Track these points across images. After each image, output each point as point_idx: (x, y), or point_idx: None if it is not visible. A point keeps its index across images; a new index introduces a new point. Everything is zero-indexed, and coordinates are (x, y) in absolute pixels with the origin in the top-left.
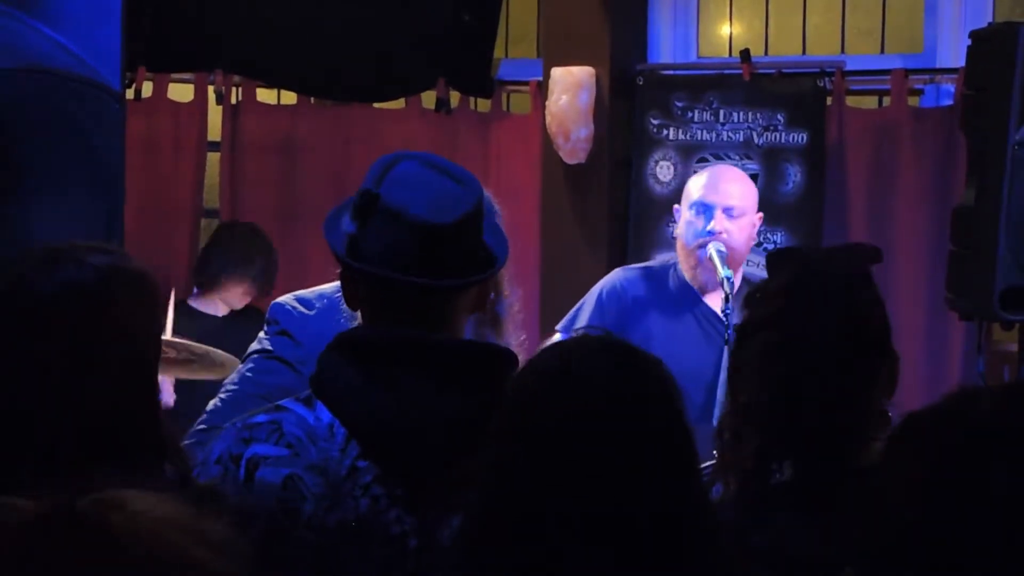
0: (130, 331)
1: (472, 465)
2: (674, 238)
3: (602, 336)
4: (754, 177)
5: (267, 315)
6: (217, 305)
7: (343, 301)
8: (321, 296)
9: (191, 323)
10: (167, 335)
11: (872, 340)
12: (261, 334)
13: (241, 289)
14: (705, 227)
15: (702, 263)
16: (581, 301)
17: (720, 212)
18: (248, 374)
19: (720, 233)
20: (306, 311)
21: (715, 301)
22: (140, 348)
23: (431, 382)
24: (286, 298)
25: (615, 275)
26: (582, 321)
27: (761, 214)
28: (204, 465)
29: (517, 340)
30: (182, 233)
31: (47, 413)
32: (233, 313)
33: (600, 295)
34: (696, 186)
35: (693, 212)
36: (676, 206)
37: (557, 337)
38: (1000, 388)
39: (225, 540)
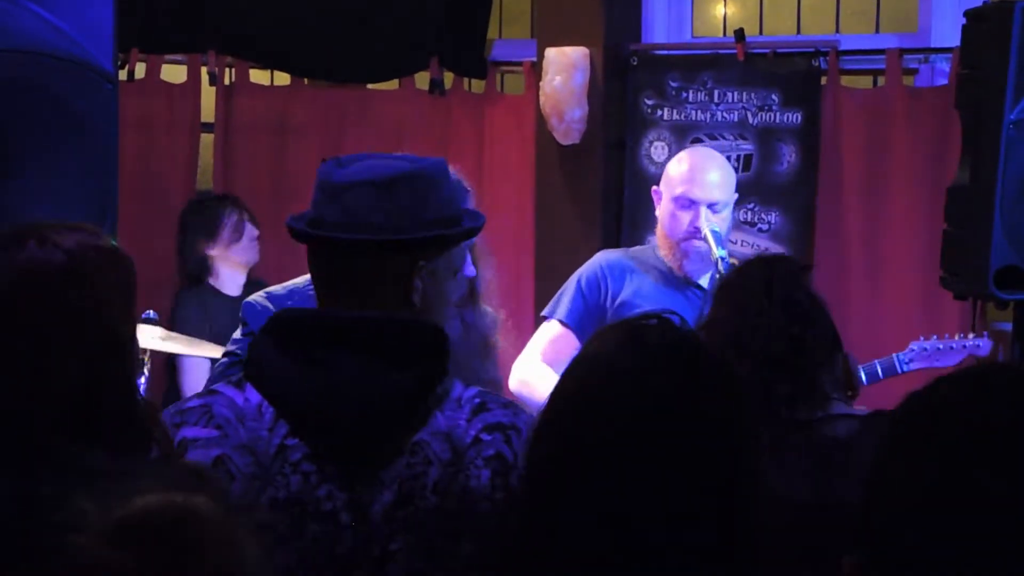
0: (101, 309)
1: (403, 439)
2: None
3: (671, 332)
4: (748, 158)
5: (240, 315)
6: (234, 276)
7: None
8: (292, 292)
9: (222, 305)
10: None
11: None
12: (236, 333)
13: (242, 245)
14: (692, 223)
15: (689, 256)
16: (563, 287)
17: (704, 208)
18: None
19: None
20: (272, 308)
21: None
22: (113, 326)
23: (357, 358)
24: (257, 296)
25: (595, 260)
26: (563, 308)
27: (736, 194)
28: None
29: (494, 314)
30: (176, 214)
31: (21, 396)
32: (249, 284)
33: (579, 282)
34: (679, 177)
35: (676, 206)
36: (655, 188)
37: (546, 325)
38: (1008, 373)
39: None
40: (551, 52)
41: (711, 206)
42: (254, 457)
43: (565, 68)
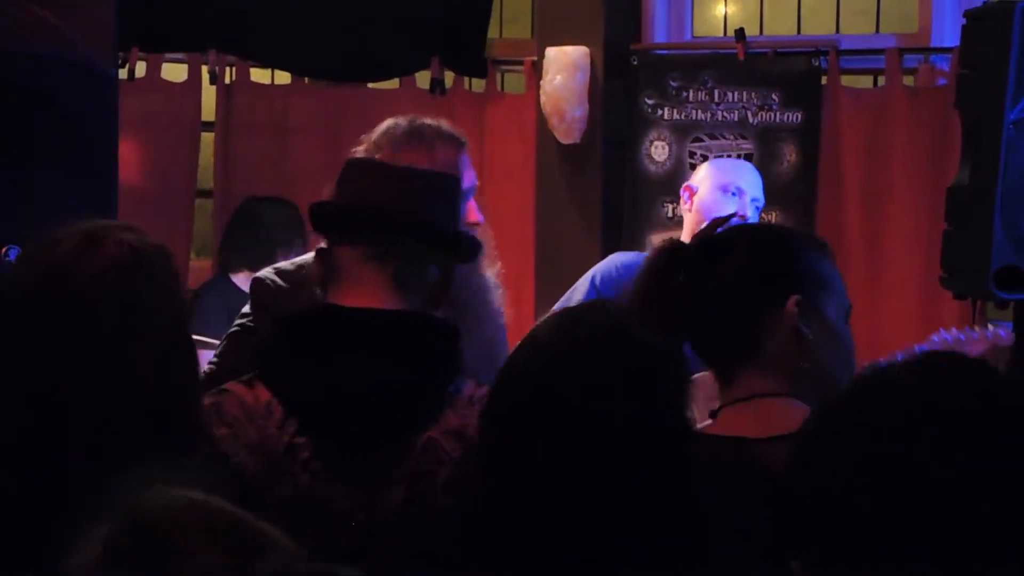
0: (167, 303)
1: (411, 437)
2: (668, 218)
3: (607, 312)
4: (748, 157)
5: (249, 289)
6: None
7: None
8: (300, 268)
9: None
10: None
11: None
12: (244, 308)
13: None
14: (740, 211)
15: None
16: (575, 285)
17: (748, 200)
18: (225, 350)
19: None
20: (282, 284)
21: None
22: (177, 318)
23: (369, 354)
24: (266, 272)
25: (611, 260)
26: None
27: None
28: None
29: (493, 271)
30: (176, 214)
31: (93, 398)
32: None
33: (594, 279)
34: (724, 169)
35: (723, 192)
36: (690, 184)
37: None
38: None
39: None
40: (552, 51)
41: (754, 200)
42: (263, 455)
43: (566, 67)
